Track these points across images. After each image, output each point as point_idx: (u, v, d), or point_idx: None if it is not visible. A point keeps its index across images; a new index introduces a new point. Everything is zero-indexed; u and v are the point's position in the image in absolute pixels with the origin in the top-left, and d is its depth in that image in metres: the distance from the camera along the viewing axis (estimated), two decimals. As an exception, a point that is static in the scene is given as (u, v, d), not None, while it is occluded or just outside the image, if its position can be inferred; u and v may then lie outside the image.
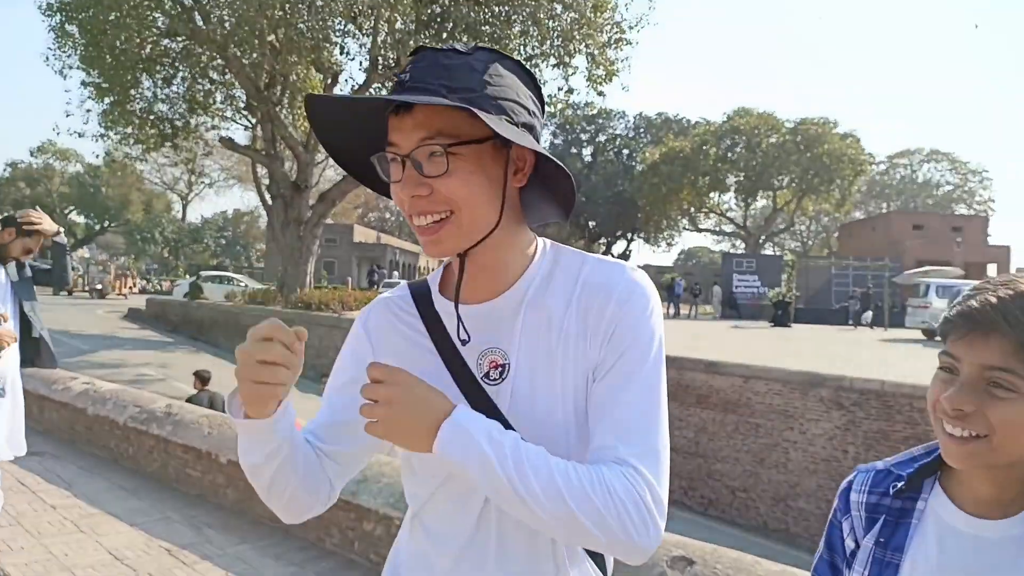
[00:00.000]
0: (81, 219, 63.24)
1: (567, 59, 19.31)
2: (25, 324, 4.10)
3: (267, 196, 22.33)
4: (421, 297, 1.14)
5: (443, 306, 1.11)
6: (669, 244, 55.43)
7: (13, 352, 4.00)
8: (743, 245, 51.79)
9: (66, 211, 60.44)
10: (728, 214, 51.54)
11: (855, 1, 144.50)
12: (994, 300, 0.95)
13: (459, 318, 1.06)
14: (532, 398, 1.03)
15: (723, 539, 5.20)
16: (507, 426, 1.00)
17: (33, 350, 4.17)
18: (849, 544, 1.15)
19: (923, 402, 6.79)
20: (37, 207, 4.40)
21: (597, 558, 1.10)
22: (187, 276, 39.93)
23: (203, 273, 34.42)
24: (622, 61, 19.85)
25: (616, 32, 19.50)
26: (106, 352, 17.27)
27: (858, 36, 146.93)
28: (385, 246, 51.83)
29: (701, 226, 53.54)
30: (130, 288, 43.06)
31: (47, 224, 4.06)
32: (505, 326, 1.06)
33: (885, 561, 1.08)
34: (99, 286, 40.31)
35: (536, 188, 1.07)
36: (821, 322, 27.79)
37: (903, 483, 1.10)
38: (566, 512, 0.91)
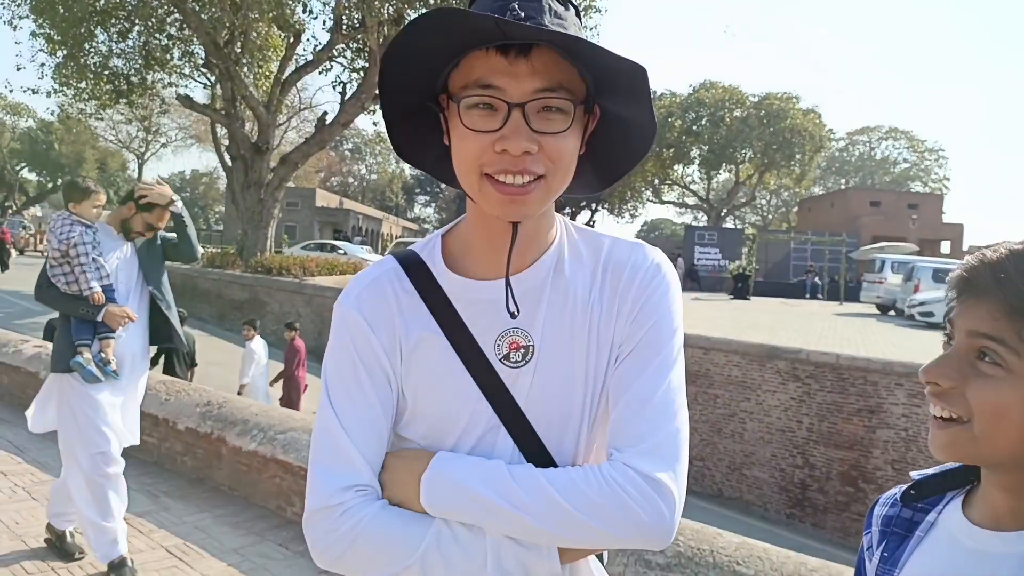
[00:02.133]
0: (33, 176, 61.21)
1: None
2: (154, 305, 3.73)
3: (227, 157, 21.83)
4: (417, 271, 1.03)
5: (451, 283, 1.02)
6: (633, 215, 55.63)
7: (134, 333, 3.66)
8: (705, 218, 52.27)
9: (17, 168, 58.42)
10: (691, 187, 51.88)
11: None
12: (986, 260, 0.84)
13: (509, 288, 0.97)
14: (554, 381, 1.00)
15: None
16: (519, 414, 0.99)
17: (164, 332, 3.79)
18: (870, 568, 1.02)
19: (876, 375, 6.97)
20: (159, 177, 3.93)
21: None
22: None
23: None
24: (590, 29, 19.70)
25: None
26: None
27: (823, 14, 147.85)
28: (348, 211, 51.16)
29: (665, 198, 53.82)
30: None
31: (155, 193, 3.58)
32: (529, 302, 1.00)
33: None
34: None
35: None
36: (780, 295, 28.30)
37: (914, 489, 0.98)
38: (561, 513, 0.90)
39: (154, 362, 8.92)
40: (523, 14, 0.86)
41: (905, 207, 44.44)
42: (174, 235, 3.76)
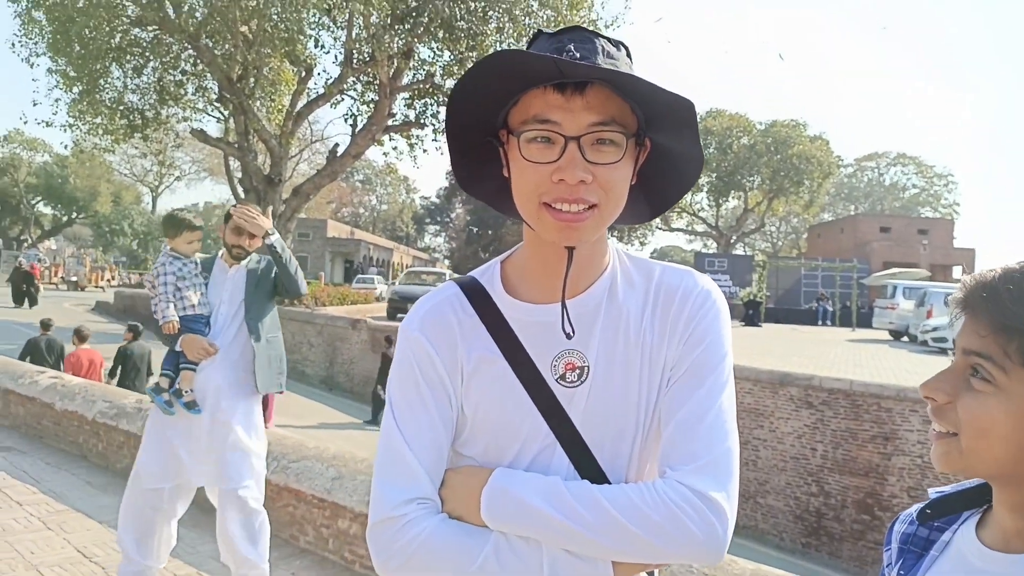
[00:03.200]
0: (48, 210, 61.98)
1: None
2: (251, 329, 3.48)
3: (239, 189, 22.07)
4: (477, 296, 1.08)
5: (510, 306, 1.07)
6: (642, 243, 55.58)
7: (221, 367, 3.42)
8: (715, 245, 52.26)
9: (33, 202, 59.22)
10: (700, 214, 51.95)
11: (825, 9, 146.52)
12: (978, 280, 0.85)
13: (565, 310, 1.02)
14: (609, 401, 1.03)
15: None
16: (575, 433, 1.02)
17: (263, 368, 3.48)
18: None
19: (890, 401, 6.91)
20: (253, 208, 3.51)
21: None
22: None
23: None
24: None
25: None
26: (68, 345, 16.90)
27: (829, 40, 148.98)
28: (359, 241, 51.50)
29: (674, 225, 53.86)
30: (108, 280, 42.33)
31: (253, 223, 3.38)
32: (584, 325, 1.04)
33: None
34: (74, 278, 39.57)
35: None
36: (791, 321, 28.16)
37: (930, 508, 0.97)
38: (625, 533, 0.93)
39: (111, 373, 9.18)
40: (579, 55, 0.94)
41: (915, 232, 44.33)
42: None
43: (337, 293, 22.23)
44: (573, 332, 1.02)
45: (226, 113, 22.25)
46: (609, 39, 0.99)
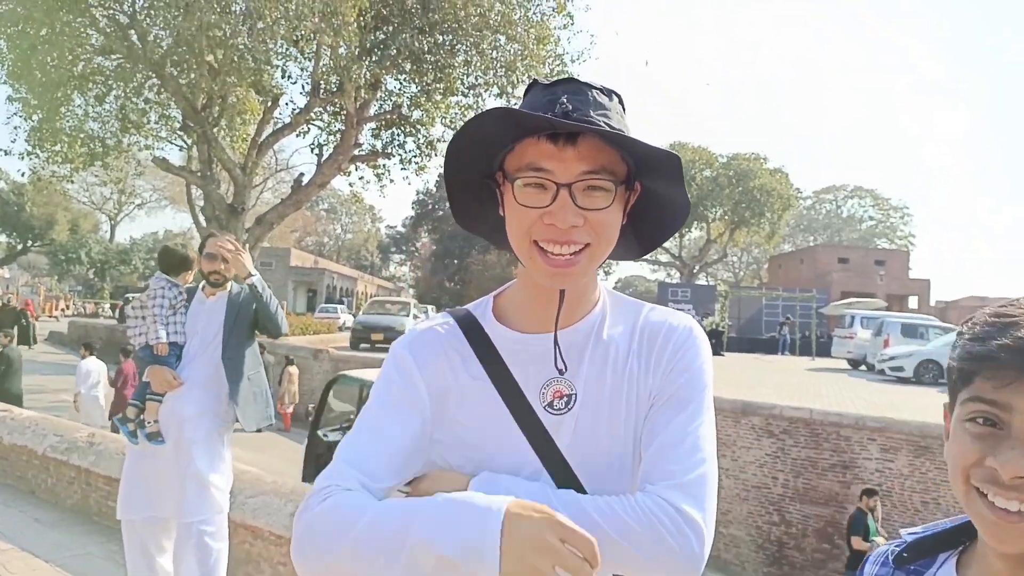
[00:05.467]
0: (3, 238, 60.46)
1: (510, 89, 19.55)
2: (231, 369, 3.47)
3: (201, 218, 21.82)
4: (468, 325, 1.14)
5: (501, 336, 1.12)
6: (607, 272, 56.13)
7: (187, 398, 3.41)
8: (678, 275, 52.93)
9: (-14, 229, 57.70)
10: (664, 244, 52.70)
11: (785, 45, 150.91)
12: None
13: (557, 345, 1.08)
14: (595, 429, 1.08)
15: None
16: (561, 459, 1.05)
17: (247, 405, 3.48)
18: None
19: (849, 429, 7.01)
20: (232, 241, 3.49)
21: None
22: (111, 299, 38.57)
23: (129, 296, 33.39)
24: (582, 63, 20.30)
25: (558, 64, 19.87)
26: (24, 377, 16.48)
27: (786, 77, 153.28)
28: (323, 270, 51.06)
29: (638, 256, 54.61)
30: (62, 310, 41.35)
31: (236, 261, 3.41)
32: (573, 356, 1.09)
33: None
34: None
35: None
36: (753, 350, 28.54)
37: (906, 551, 0.94)
38: (604, 538, 0.93)
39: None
40: (570, 107, 0.99)
41: (872, 263, 45.41)
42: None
43: (299, 323, 21.97)
44: (565, 368, 1.07)
45: (189, 142, 22.05)
46: (601, 89, 1.04)
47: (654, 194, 1.09)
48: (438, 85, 18.79)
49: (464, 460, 1.08)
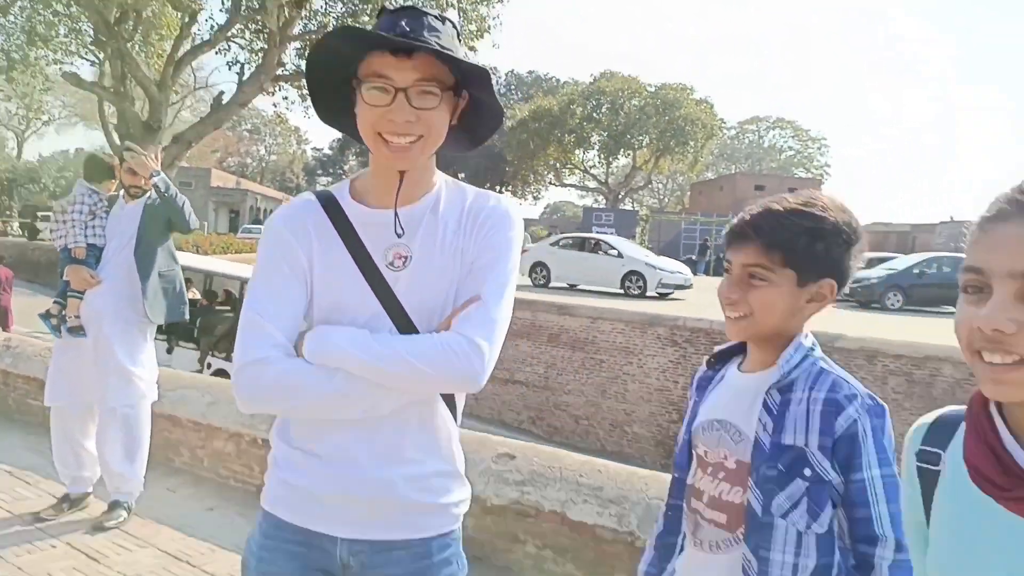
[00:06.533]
0: None
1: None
2: (142, 266, 3.69)
3: (115, 136, 21.11)
4: (329, 203, 1.37)
5: (354, 210, 1.36)
6: (536, 198, 56.87)
7: (106, 294, 3.66)
8: (604, 200, 53.92)
9: None
10: (591, 171, 53.36)
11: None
12: (747, 218, 1.39)
13: (397, 216, 1.33)
14: (425, 282, 1.34)
15: (555, 444, 5.60)
16: (399, 306, 1.33)
17: (153, 299, 3.71)
18: (689, 408, 1.52)
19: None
20: (158, 150, 3.75)
21: (450, 405, 1.42)
22: (19, 217, 36.97)
23: (39, 214, 32.17)
24: (494, 19, 20.29)
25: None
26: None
27: (718, 11, 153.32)
28: (245, 191, 49.82)
29: (566, 181, 55.22)
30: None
31: (139, 162, 3.63)
32: (411, 227, 1.34)
33: None
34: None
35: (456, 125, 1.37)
36: (671, 273, 29.74)
37: (712, 358, 1.54)
38: (404, 362, 1.24)
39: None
40: (408, 29, 1.24)
41: (787, 191, 46.51)
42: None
43: (221, 242, 21.83)
44: (403, 231, 1.33)
45: (102, 57, 21.20)
46: (437, 16, 1.28)
47: (478, 100, 1.36)
48: (364, 6, 18.55)
49: (324, 312, 1.34)
